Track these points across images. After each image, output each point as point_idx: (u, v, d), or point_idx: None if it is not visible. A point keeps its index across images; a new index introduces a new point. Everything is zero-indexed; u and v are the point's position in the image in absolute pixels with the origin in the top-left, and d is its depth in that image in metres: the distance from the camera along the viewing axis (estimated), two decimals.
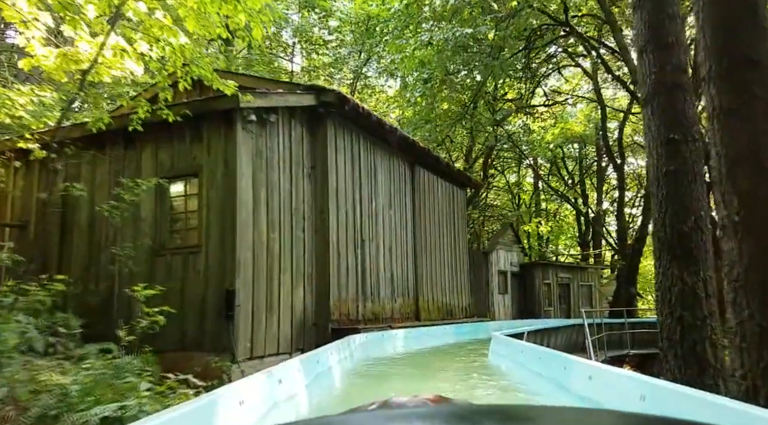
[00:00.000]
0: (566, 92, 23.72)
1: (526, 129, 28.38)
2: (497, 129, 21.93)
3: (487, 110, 23.84)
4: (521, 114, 26.71)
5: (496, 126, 21.99)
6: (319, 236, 8.68)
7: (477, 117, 23.26)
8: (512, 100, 25.48)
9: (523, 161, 33.09)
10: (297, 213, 8.34)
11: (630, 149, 30.87)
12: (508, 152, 30.51)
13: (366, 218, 9.93)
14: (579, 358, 3.91)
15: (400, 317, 10.75)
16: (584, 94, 27.24)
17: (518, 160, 32.43)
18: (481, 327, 13.02)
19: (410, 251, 11.50)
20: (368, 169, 10.11)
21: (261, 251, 7.51)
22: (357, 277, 9.44)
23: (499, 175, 32.08)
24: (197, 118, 7.41)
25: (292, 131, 8.36)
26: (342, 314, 8.83)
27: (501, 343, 6.21)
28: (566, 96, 26.70)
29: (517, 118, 27.71)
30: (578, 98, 31.27)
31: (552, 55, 20.99)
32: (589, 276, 21.97)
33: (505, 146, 30.01)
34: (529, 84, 20.63)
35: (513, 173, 33.55)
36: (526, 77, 20.16)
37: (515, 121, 28.22)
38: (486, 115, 23.68)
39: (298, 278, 8.24)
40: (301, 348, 8.16)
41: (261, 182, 7.64)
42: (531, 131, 28.19)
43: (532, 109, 26.32)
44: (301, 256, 8.34)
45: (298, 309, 8.17)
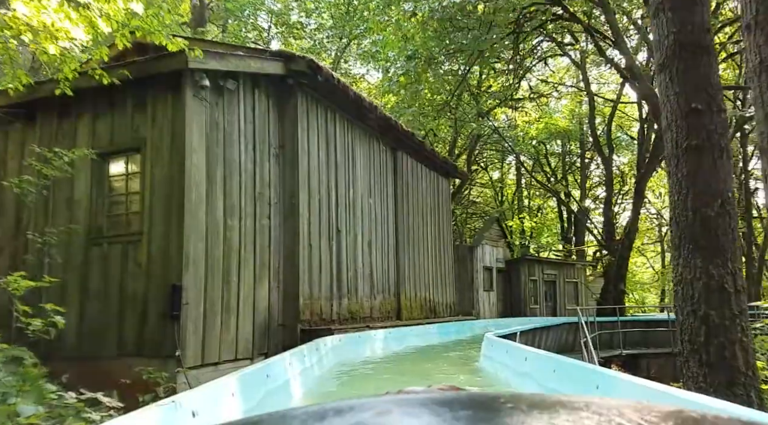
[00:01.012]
0: (553, 81, 22.93)
1: (511, 124, 27.81)
2: (482, 120, 21.06)
3: (471, 101, 23.11)
4: (505, 108, 26.05)
5: (481, 117, 21.14)
6: (288, 225, 7.63)
7: (461, 109, 22.50)
8: (497, 92, 24.79)
9: (506, 157, 32.71)
10: (261, 198, 7.28)
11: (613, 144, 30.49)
12: (491, 148, 30.04)
13: (342, 206, 8.91)
14: (618, 373, 2.96)
15: (380, 316, 9.77)
16: (571, 86, 26.58)
17: (501, 156, 32.02)
18: (466, 325, 12.10)
19: (391, 243, 10.51)
20: (345, 152, 9.08)
21: (216, 240, 6.44)
22: (331, 272, 8.42)
23: (482, 171, 31.62)
24: (140, 83, 6.31)
25: (257, 103, 7.29)
26: (314, 313, 7.80)
27: (496, 347, 5.25)
28: (552, 88, 25.99)
29: (501, 112, 27.05)
30: (564, 93, 30.87)
31: (540, 43, 20.22)
32: (576, 273, 21.26)
33: (489, 141, 29.48)
34: (514, 77, 19.80)
35: (496, 170, 33.18)
36: (513, 67, 19.34)
37: (499, 115, 27.59)
38: (470, 107, 22.97)
39: (263, 273, 7.19)
40: (264, 352, 7.12)
41: (217, 160, 6.56)
42: (515, 126, 27.60)
43: (517, 102, 25.64)
44: (266, 247, 7.29)
45: (261, 308, 7.12)
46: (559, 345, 12.56)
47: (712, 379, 4.93)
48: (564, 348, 12.83)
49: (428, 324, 10.54)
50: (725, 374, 4.89)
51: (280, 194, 7.61)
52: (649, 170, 16.77)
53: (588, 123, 20.39)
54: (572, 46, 19.87)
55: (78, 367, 6.22)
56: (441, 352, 7.92)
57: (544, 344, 11.36)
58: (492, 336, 6.22)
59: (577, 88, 23.43)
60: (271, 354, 7.01)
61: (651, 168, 16.93)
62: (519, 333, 8.01)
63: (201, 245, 6.19)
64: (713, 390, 4.94)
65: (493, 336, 6.31)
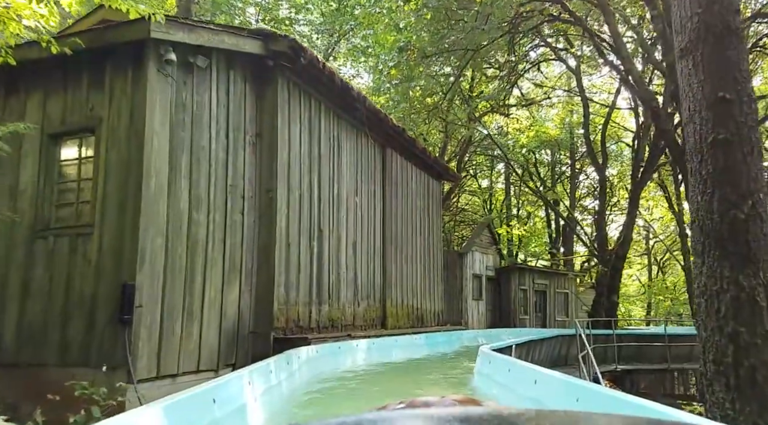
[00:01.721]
0: (547, 86, 22.49)
1: (501, 132, 27.47)
2: (473, 124, 20.53)
3: (463, 105, 22.65)
4: (497, 114, 25.66)
5: (473, 121, 20.61)
6: (264, 222, 6.90)
7: (453, 112, 22.01)
8: (489, 95, 24.38)
9: (495, 165, 32.45)
10: (234, 191, 6.54)
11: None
12: (481, 155, 29.74)
13: (326, 204, 8.19)
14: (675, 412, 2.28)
15: (364, 324, 9.04)
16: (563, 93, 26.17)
17: (491, 163, 31.75)
18: (454, 336, 11.41)
19: (378, 246, 9.80)
20: (330, 145, 8.38)
21: (179, 236, 5.69)
22: (311, 275, 7.69)
23: (471, 179, 31.30)
24: (98, 55, 5.58)
25: (231, 84, 6.57)
26: (290, 320, 7.05)
27: (494, 363, 4.54)
28: (545, 94, 25.59)
29: (492, 119, 26.68)
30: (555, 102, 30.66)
31: (534, 47, 19.79)
32: (566, 283, 20.70)
33: (480, 147, 29.13)
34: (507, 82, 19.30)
35: (485, 178, 32.95)
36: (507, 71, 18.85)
37: (490, 122, 27.23)
38: (462, 110, 22.54)
39: (233, 274, 6.44)
40: (231, 363, 6.36)
41: (183, 145, 5.82)
42: (506, 133, 27.24)
43: (508, 109, 25.24)
44: (238, 245, 6.55)
45: (230, 313, 6.36)
46: (552, 358, 11.92)
47: (741, 406, 4.30)
48: (557, 361, 12.19)
49: (415, 333, 9.83)
50: (757, 400, 4.26)
51: (255, 187, 6.88)
52: (644, 179, 16.29)
53: (582, 130, 19.90)
54: (567, 50, 19.43)
55: (14, 377, 5.43)
56: (430, 367, 7.22)
57: (538, 357, 10.70)
58: (487, 349, 5.53)
59: (571, 94, 22.97)
60: (240, 364, 6.26)
61: (646, 177, 16.47)
62: (514, 347, 7.34)
63: (160, 241, 5.44)
64: (742, 419, 4.32)
65: (488, 349, 5.62)
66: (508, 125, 27.04)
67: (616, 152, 29.17)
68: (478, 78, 23.00)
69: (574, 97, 30.57)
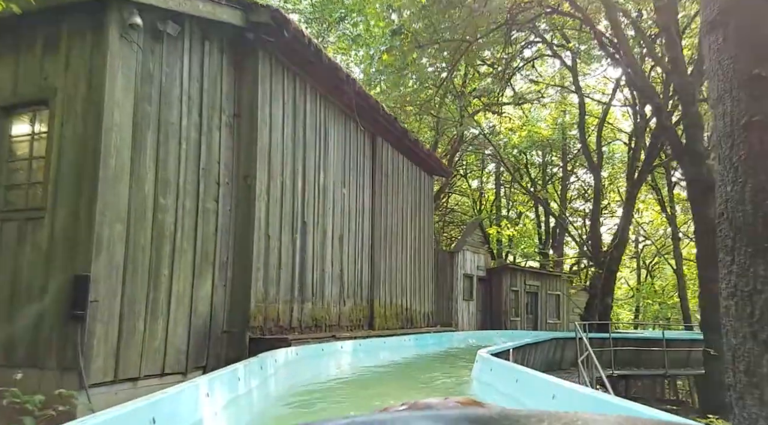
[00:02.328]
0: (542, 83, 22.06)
1: (493, 131, 27.12)
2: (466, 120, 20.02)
3: (455, 101, 22.22)
4: (489, 112, 25.25)
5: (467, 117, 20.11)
6: (241, 210, 6.28)
7: (445, 108, 21.53)
8: (482, 90, 23.96)
9: (486, 165, 32.17)
10: (207, 175, 5.92)
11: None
12: (472, 153, 29.42)
13: (310, 194, 7.59)
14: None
15: (350, 324, 8.45)
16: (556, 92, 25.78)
17: (482, 164, 31.47)
18: (445, 338, 10.86)
19: (366, 242, 9.21)
20: (316, 130, 7.78)
21: (142, 222, 5.06)
22: (293, 270, 7.08)
23: (461, 179, 30.98)
24: (54, 17, 4.94)
25: (207, 57, 5.94)
26: (268, 319, 6.44)
27: (497, 371, 3.96)
28: (539, 92, 25.17)
29: (484, 117, 26.30)
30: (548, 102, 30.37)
31: (529, 44, 19.35)
32: (558, 285, 20.26)
33: (471, 146, 28.80)
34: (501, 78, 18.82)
35: (475, 178, 32.70)
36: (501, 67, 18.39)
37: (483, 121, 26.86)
38: (454, 107, 22.12)
39: (205, 267, 5.81)
40: (202, 366, 5.74)
41: (149, 121, 5.19)
42: (498, 133, 26.86)
43: (501, 108, 24.84)
44: (211, 236, 5.92)
45: (201, 311, 5.74)
46: (545, 361, 11.41)
47: None
48: (551, 365, 11.68)
49: (404, 334, 9.25)
50: None
51: (232, 172, 6.25)
52: (641, 179, 15.88)
53: (575, 130, 19.46)
54: (563, 46, 18.98)
55: None
56: (421, 371, 6.65)
57: (532, 361, 10.18)
58: (486, 354, 4.97)
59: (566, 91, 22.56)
60: (212, 367, 5.64)
61: (643, 177, 16.06)
62: (512, 351, 6.79)
63: (120, 227, 4.81)
64: None
65: (487, 354, 5.05)
66: (501, 123, 26.58)
67: (607, 154, 28.89)
68: (471, 73, 22.54)
69: (568, 96, 30.33)
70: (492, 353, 5.55)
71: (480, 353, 4.99)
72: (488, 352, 5.30)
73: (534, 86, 27.50)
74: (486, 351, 5.33)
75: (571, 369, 12.20)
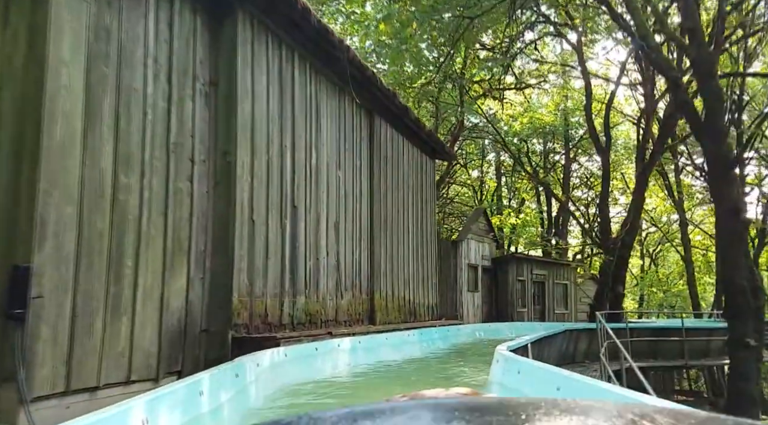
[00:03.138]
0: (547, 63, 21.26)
1: (494, 118, 26.48)
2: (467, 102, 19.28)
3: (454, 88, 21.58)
4: (490, 98, 24.53)
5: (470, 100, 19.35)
6: (220, 192, 5.51)
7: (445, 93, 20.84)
8: (481, 81, 23.35)
9: (486, 154, 31.66)
10: (180, 151, 5.14)
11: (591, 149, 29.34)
12: (471, 144, 28.92)
13: (301, 176, 6.81)
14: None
15: (348, 319, 7.70)
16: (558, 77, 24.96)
17: (482, 153, 30.99)
18: (451, 332, 10.12)
19: (365, 229, 8.45)
20: (306, 105, 6.99)
21: (99, 205, 4.29)
22: (283, 260, 6.32)
23: (461, 169, 30.45)
24: None
25: (176, 15, 5.15)
26: (255, 315, 5.69)
27: (526, 373, 3.22)
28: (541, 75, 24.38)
29: (485, 103, 25.60)
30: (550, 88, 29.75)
31: (532, 25, 18.52)
32: (566, 274, 19.53)
33: (471, 134, 28.22)
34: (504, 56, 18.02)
35: (475, 168, 32.23)
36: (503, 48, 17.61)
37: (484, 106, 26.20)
38: (454, 94, 21.54)
39: (178, 258, 5.05)
40: (177, 370, 4.99)
41: (105, 85, 4.41)
42: (499, 120, 26.17)
43: (502, 93, 24.11)
44: (185, 221, 5.15)
45: (175, 307, 4.98)
46: (560, 355, 10.69)
47: None
48: (564, 358, 10.96)
49: (407, 329, 8.51)
50: None
51: (209, 148, 5.48)
52: (653, 160, 15.11)
53: (577, 117, 18.67)
54: (568, 25, 18.15)
55: None
56: (429, 372, 5.92)
57: (547, 355, 9.45)
58: (507, 351, 4.22)
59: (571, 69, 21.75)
60: (188, 371, 4.89)
61: (655, 158, 15.28)
62: (530, 345, 6.06)
63: (70, 210, 4.04)
64: None
65: (508, 351, 4.31)
66: (502, 109, 25.81)
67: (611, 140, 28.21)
68: (471, 57, 21.79)
69: (570, 81, 29.62)
70: (511, 349, 4.80)
71: (500, 350, 4.25)
72: (509, 348, 4.55)
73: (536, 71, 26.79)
74: (505, 346, 4.58)
75: (585, 362, 11.49)
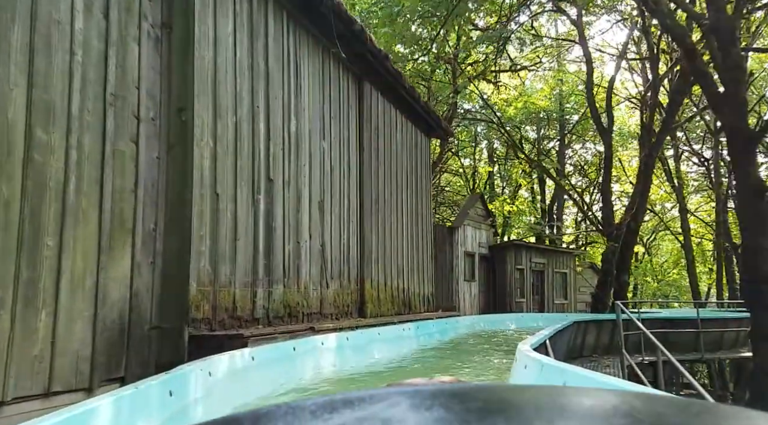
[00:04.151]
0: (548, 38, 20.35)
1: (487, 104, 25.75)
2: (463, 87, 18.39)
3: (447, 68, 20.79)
4: (483, 81, 23.68)
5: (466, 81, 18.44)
6: (175, 158, 4.51)
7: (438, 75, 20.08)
8: (475, 63, 22.52)
9: (479, 142, 31.13)
10: (120, 105, 4.13)
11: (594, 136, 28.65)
12: (463, 132, 28.33)
13: (278, 144, 5.82)
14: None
15: (335, 312, 6.76)
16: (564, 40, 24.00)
17: (474, 140, 30.42)
18: (449, 325, 9.21)
19: (354, 209, 7.49)
20: (284, 61, 5.98)
21: (4, 166, 3.29)
22: (256, 243, 5.34)
23: (453, 158, 29.80)
24: None
25: None
26: (220, 308, 4.72)
27: (573, 382, 2.37)
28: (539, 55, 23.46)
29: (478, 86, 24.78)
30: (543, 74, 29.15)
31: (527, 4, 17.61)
32: (566, 262, 18.71)
33: (464, 122, 27.59)
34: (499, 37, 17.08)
35: (466, 157, 31.68)
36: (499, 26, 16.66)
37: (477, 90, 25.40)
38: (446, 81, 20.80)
39: (119, 237, 4.06)
40: (118, 376, 4.01)
41: (14, 13, 3.39)
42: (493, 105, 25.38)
43: (497, 76, 23.26)
44: (129, 192, 4.16)
45: (115, 298, 3.99)
46: (568, 349, 9.83)
47: None
48: (572, 353, 10.10)
49: (402, 322, 7.58)
50: None
51: (161, 104, 4.47)
52: (660, 139, 14.23)
53: (584, 88, 17.77)
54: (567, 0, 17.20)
55: None
56: (424, 367, 4.99)
57: (555, 350, 8.56)
58: (533, 352, 3.30)
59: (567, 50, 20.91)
60: (134, 377, 3.91)
61: (662, 137, 14.41)
62: (548, 342, 5.16)
63: None
64: None
65: (530, 350, 3.38)
66: (498, 92, 24.92)
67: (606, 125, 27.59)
68: (464, 35, 20.87)
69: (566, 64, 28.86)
70: (533, 346, 3.88)
71: (523, 349, 3.33)
72: (531, 345, 3.63)
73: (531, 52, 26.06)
74: (527, 345, 3.66)
75: (593, 356, 10.65)
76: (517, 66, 24.27)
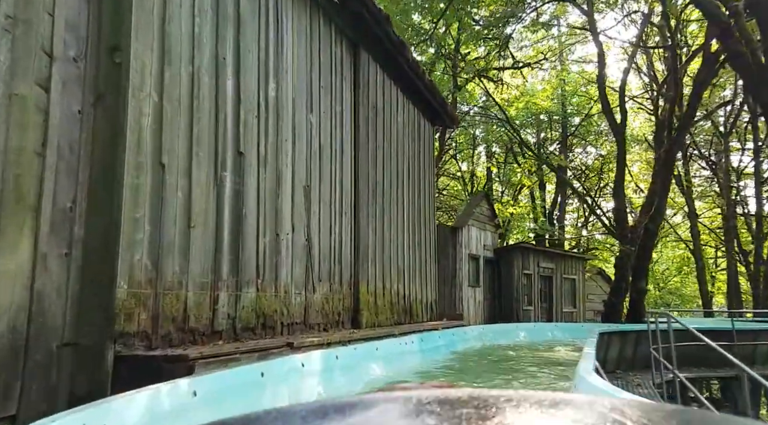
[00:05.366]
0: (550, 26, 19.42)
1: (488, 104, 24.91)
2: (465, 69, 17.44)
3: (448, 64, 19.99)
4: (484, 79, 22.79)
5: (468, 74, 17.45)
6: (103, 114, 3.33)
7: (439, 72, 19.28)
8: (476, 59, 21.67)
9: (477, 146, 30.53)
10: (23, 35, 2.96)
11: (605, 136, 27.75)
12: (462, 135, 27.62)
13: (251, 109, 4.64)
14: None
15: (323, 321, 5.57)
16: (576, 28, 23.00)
17: (473, 143, 29.75)
18: (457, 336, 8.03)
19: (347, 199, 6.32)
20: (261, 6, 4.82)
21: None
22: (218, 233, 4.16)
23: (451, 161, 29.11)
24: None
25: None
26: (164, 317, 3.53)
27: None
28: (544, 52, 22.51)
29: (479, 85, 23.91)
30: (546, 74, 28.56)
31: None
32: (575, 267, 17.57)
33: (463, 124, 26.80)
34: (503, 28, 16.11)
35: (464, 160, 31.01)
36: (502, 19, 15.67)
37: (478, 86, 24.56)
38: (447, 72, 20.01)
39: (14, 218, 2.87)
40: (10, 415, 2.81)
41: None
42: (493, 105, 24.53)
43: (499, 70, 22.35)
44: (31, 155, 2.97)
45: (4, 304, 2.80)
46: None
47: None
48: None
49: (403, 334, 6.39)
50: None
51: (86, 40, 3.30)
52: (682, 133, 13.15)
53: (596, 82, 16.73)
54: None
55: None
56: None
57: None
58: (601, 380, 2.15)
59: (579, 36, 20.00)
60: (33, 414, 2.72)
61: (683, 133, 13.33)
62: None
63: None
64: None
65: (602, 380, 2.22)
66: (499, 90, 23.97)
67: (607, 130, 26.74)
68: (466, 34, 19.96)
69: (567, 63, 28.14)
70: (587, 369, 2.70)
71: (583, 374, 2.19)
72: (594, 368, 2.47)
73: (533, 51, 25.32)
74: (588, 366, 2.50)
75: (617, 372, 9.48)
76: (519, 63, 23.37)
